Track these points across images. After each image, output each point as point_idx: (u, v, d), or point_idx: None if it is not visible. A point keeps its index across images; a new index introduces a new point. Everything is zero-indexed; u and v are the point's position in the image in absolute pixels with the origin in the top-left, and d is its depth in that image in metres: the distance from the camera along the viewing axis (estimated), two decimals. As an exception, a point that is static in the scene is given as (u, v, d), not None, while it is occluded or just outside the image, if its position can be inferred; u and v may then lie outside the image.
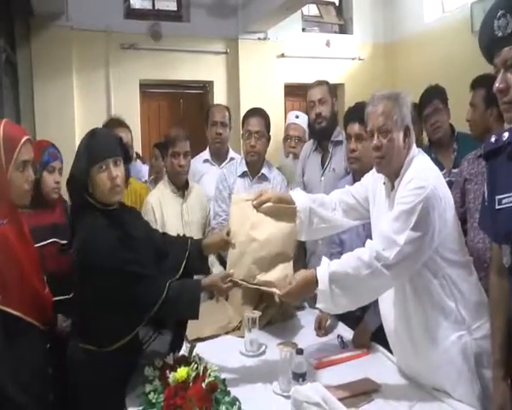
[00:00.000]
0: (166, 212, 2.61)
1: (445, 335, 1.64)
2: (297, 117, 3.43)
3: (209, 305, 2.42)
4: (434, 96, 2.84)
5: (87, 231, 1.74)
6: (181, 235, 2.15)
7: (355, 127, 2.23)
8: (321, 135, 2.77)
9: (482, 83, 2.41)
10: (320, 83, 2.80)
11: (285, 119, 3.67)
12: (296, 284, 1.68)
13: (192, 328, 2.13)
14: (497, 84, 1.24)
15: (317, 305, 1.69)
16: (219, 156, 3.27)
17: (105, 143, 1.80)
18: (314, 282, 1.63)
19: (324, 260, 1.68)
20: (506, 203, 1.32)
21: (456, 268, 1.66)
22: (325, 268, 1.63)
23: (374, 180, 1.90)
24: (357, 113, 2.14)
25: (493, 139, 1.42)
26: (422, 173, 1.65)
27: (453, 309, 1.63)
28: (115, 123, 2.89)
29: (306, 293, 1.72)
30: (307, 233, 1.98)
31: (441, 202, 1.61)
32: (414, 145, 1.74)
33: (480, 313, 1.62)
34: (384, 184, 1.81)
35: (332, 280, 1.59)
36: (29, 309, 1.67)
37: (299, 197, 1.98)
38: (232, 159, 3.20)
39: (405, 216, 1.57)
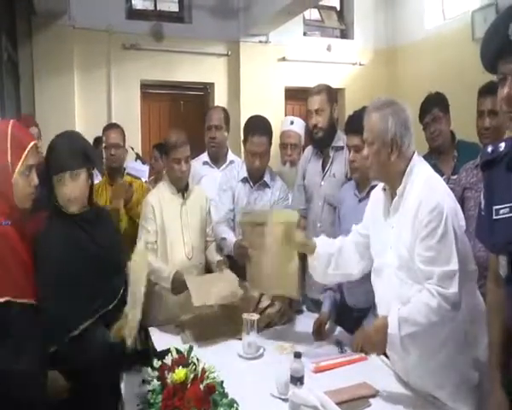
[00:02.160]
0: (166, 213, 2.60)
1: (446, 348, 1.64)
2: (292, 123, 3.32)
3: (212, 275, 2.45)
4: (434, 104, 2.82)
5: (41, 235, 1.84)
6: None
7: (353, 140, 2.23)
8: (319, 144, 2.76)
9: (493, 90, 2.40)
10: (318, 91, 2.68)
11: (285, 123, 3.63)
12: (370, 331, 1.68)
13: (197, 295, 2.14)
14: (506, 91, 1.21)
15: (388, 352, 1.68)
16: (218, 159, 3.26)
17: (62, 157, 1.88)
18: (385, 326, 1.62)
19: (394, 306, 1.65)
20: (503, 214, 1.32)
21: (468, 281, 1.65)
22: (395, 313, 1.61)
23: (376, 192, 1.92)
24: (355, 124, 2.15)
25: (490, 150, 1.43)
26: (428, 186, 1.66)
27: (460, 327, 1.63)
28: (108, 124, 2.88)
29: (379, 339, 1.65)
30: (324, 276, 2.05)
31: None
32: (415, 153, 1.75)
33: (481, 325, 1.61)
34: (384, 190, 1.82)
35: (402, 324, 1.58)
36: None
37: (320, 243, 2.05)
38: (232, 162, 3.18)
39: (443, 243, 1.57)
